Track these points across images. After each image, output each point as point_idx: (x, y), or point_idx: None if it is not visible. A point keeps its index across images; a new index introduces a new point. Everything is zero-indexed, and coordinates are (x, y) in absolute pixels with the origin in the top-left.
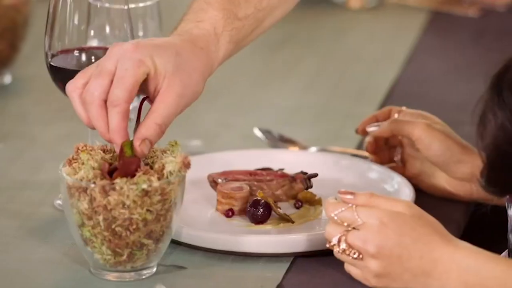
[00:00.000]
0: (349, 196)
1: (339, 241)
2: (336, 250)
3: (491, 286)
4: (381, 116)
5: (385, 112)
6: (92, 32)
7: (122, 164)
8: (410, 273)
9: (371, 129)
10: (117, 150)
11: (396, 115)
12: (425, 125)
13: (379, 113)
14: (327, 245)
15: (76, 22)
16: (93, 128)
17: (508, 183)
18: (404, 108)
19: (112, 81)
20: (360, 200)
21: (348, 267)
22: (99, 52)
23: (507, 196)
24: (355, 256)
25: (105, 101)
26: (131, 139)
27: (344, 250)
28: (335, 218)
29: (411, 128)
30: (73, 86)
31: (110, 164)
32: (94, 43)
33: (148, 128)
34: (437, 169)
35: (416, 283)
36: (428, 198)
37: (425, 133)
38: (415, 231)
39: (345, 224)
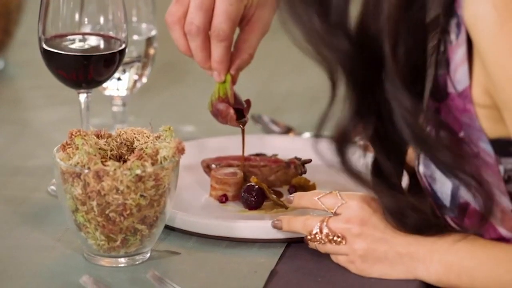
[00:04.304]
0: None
1: (320, 228)
2: (318, 237)
3: (468, 265)
4: None
5: None
6: (85, 17)
7: (247, 106)
8: (395, 252)
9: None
10: (218, 77)
11: None
12: None
13: None
14: (308, 237)
15: (69, 7)
16: (190, 56)
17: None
18: None
19: (213, 11)
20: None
21: (335, 257)
22: (92, 37)
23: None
24: (339, 240)
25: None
26: None
27: (327, 235)
28: (319, 203)
29: None
30: (173, 17)
31: (234, 109)
32: (87, 28)
33: (242, 59)
34: None
35: (402, 264)
36: None
37: None
38: None
39: (326, 208)
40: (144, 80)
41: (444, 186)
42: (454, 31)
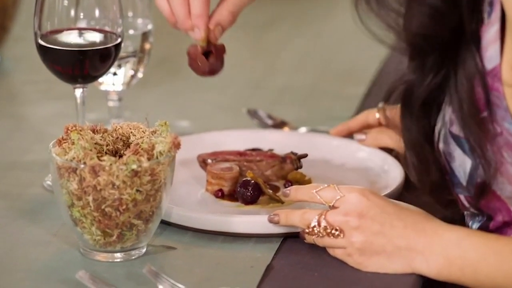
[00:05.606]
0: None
1: (318, 221)
2: (316, 231)
3: (472, 258)
4: (355, 124)
5: (359, 120)
6: (81, 12)
7: (216, 48)
8: (394, 245)
9: (358, 137)
10: (198, 35)
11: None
12: None
13: (352, 123)
14: (306, 231)
15: (65, 2)
16: (174, 25)
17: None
18: (380, 105)
19: None
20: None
21: (333, 251)
22: (88, 32)
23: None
24: (337, 233)
25: None
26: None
27: (325, 228)
28: (317, 196)
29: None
30: None
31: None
32: (83, 23)
33: (221, 15)
34: None
35: (400, 256)
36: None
37: None
38: (396, 205)
39: (323, 202)
40: (140, 75)
41: (462, 164)
42: (486, 10)
